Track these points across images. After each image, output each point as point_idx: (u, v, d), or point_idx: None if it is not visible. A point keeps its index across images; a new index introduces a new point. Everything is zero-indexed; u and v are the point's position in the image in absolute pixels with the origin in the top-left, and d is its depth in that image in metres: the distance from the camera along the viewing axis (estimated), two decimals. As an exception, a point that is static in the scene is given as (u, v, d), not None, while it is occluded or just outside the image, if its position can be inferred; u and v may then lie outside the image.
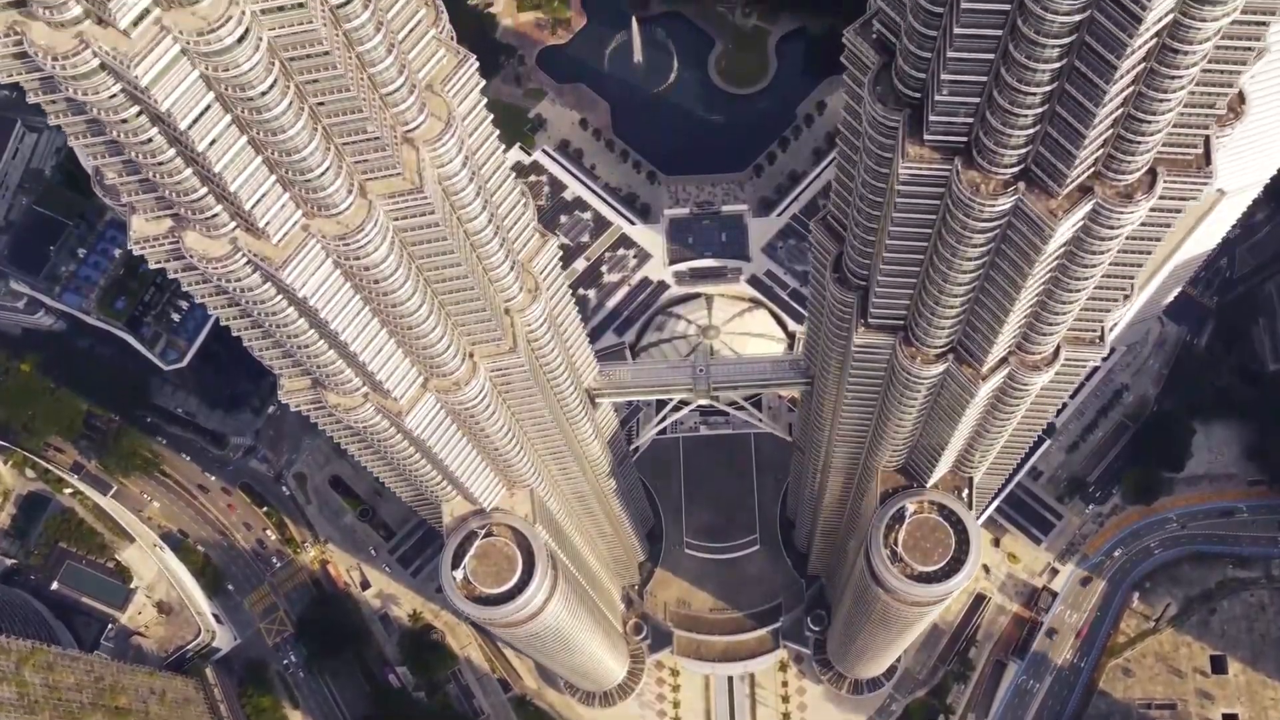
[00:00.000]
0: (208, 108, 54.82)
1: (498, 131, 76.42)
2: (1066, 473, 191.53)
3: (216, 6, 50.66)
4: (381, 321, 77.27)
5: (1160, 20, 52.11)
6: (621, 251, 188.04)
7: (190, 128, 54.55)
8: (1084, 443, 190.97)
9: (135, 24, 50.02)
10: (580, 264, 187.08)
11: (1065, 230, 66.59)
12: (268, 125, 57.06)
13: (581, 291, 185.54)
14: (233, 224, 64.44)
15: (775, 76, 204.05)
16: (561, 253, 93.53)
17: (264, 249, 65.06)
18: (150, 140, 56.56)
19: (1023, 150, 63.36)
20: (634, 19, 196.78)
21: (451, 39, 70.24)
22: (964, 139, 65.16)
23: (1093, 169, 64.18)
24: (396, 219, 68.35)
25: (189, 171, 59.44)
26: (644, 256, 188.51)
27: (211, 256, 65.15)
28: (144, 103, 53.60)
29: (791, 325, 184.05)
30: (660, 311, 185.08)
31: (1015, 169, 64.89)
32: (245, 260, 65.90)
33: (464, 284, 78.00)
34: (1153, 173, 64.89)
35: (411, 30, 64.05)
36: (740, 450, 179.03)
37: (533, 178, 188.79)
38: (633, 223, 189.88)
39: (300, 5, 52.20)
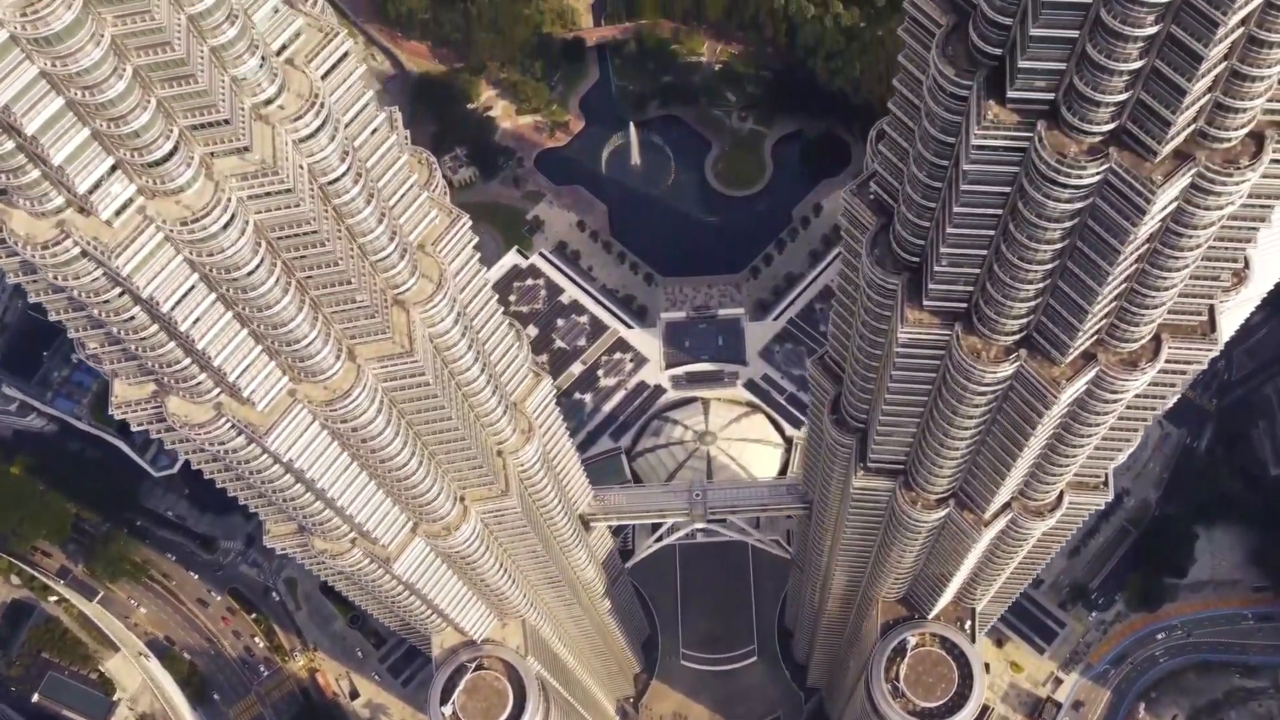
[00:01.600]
0: (191, 288, 53.76)
1: (490, 281, 75.54)
2: (1068, 579, 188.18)
3: (202, 194, 49.81)
4: (370, 474, 75.54)
5: (1164, 209, 51.36)
6: (618, 355, 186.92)
7: (173, 309, 53.41)
8: (1085, 548, 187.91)
9: (118, 213, 49.15)
10: (576, 368, 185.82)
11: (1068, 396, 65.27)
12: (254, 301, 55.96)
13: (577, 396, 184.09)
14: (216, 390, 63.06)
15: (772, 179, 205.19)
16: (555, 391, 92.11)
17: (248, 415, 63.57)
18: (133, 318, 55.41)
19: (1024, 320, 62.33)
20: (631, 123, 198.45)
21: (444, 195, 69.54)
22: (964, 304, 64.17)
23: (1096, 337, 63.09)
24: (386, 381, 67.03)
25: (172, 344, 58.22)
26: (640, 360, 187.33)
27: (195, 422, 63.62)
28: (126, 286, 52.51)
29: (789, 430, 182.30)
30: (657, 416, 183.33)
31: (1016, 336, 63.80)
32: (229, 425, 64.35)
33: (455, 434, 76.46)
34: (1157, 339, 63.81)
35: (403, 195, 63.35)
36: (738, 556, 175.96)
37: (529, 281, 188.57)
38: (629, 326, 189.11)
39: (288, 190, 51.36)
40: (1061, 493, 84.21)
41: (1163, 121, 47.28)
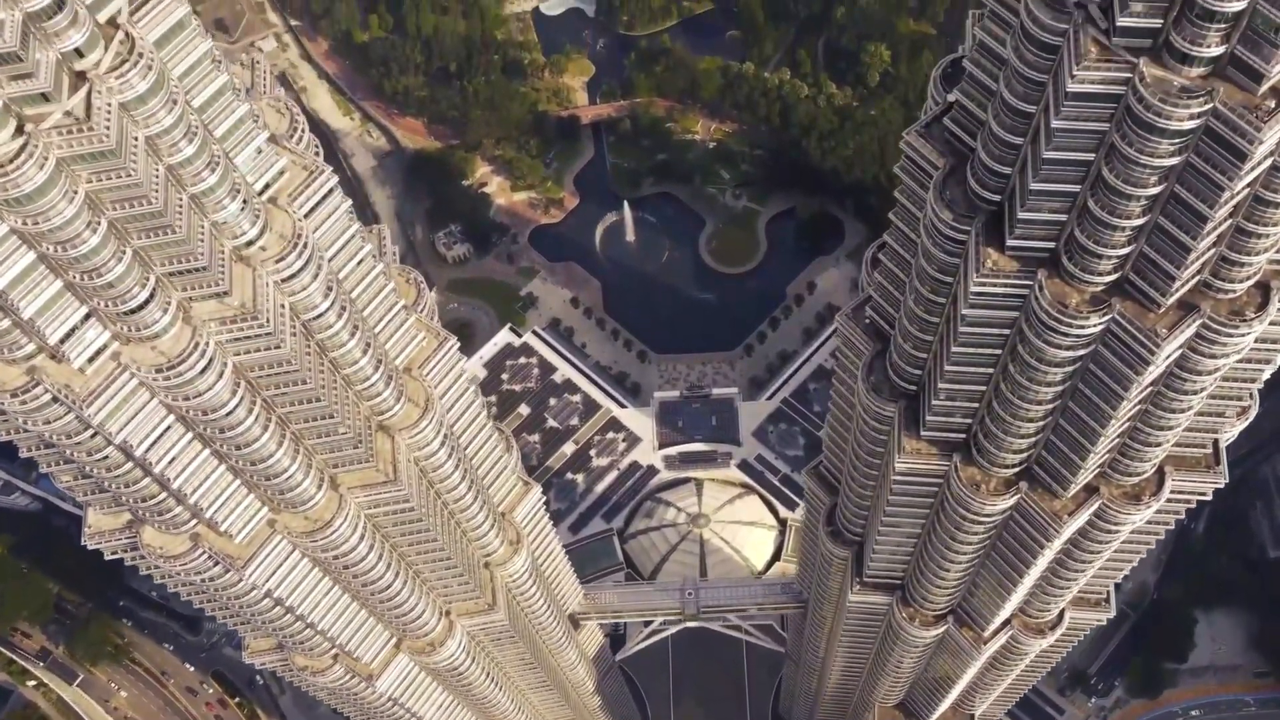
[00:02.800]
0: (166, 429, 52.03)
1: (479, 398, 73.91)
2: (1067, 664, 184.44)
3: (179, 340, 48.31)
4: (352, 596, 73.26)
5: (1168, 358, 50.05)
6: (611, 435, 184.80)
7: (147, 451, 51.64)
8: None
9: (91, 360, 47.58)
10: (569, 448, 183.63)
11: (1069, 529, 63.51)
12: (233, 439, 54.23)
13: (570, 476, 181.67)
14: (193, 521, 61.03)
15: (765, 256, 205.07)
16: (545, 499, 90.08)
17: (226, 546, 61.52)
18: (106, 458, 53.54)
19: (1025, 454, 60.76)
20: (625, 201, 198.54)
21: (433, 318, 68.11)
22: (963, 435, 62.65)
23: (1099, 470, 61.50)
24: (369, 508, 65.08)
25: (147, 480, 56.31)
26: (633, 440, 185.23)
27: (171, 554, 61.48)
28: (98, 429, 50.76)
29: (783, 512, 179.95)
30: (649, 497, 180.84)
31: (1017, 469, 62.19)
32: (206, 556, 62.23)
33: (441, 553, 74.33)
34: (1161, 472, 62.22)
35: (389, 321, 61.92)
36: (731, 645, 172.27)
37: (522, 359, 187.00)
38: (622, 405, 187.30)
39: (268, 334, 49.87)
40: (1062, 610, 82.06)
41: (1167, 275, 46.16)
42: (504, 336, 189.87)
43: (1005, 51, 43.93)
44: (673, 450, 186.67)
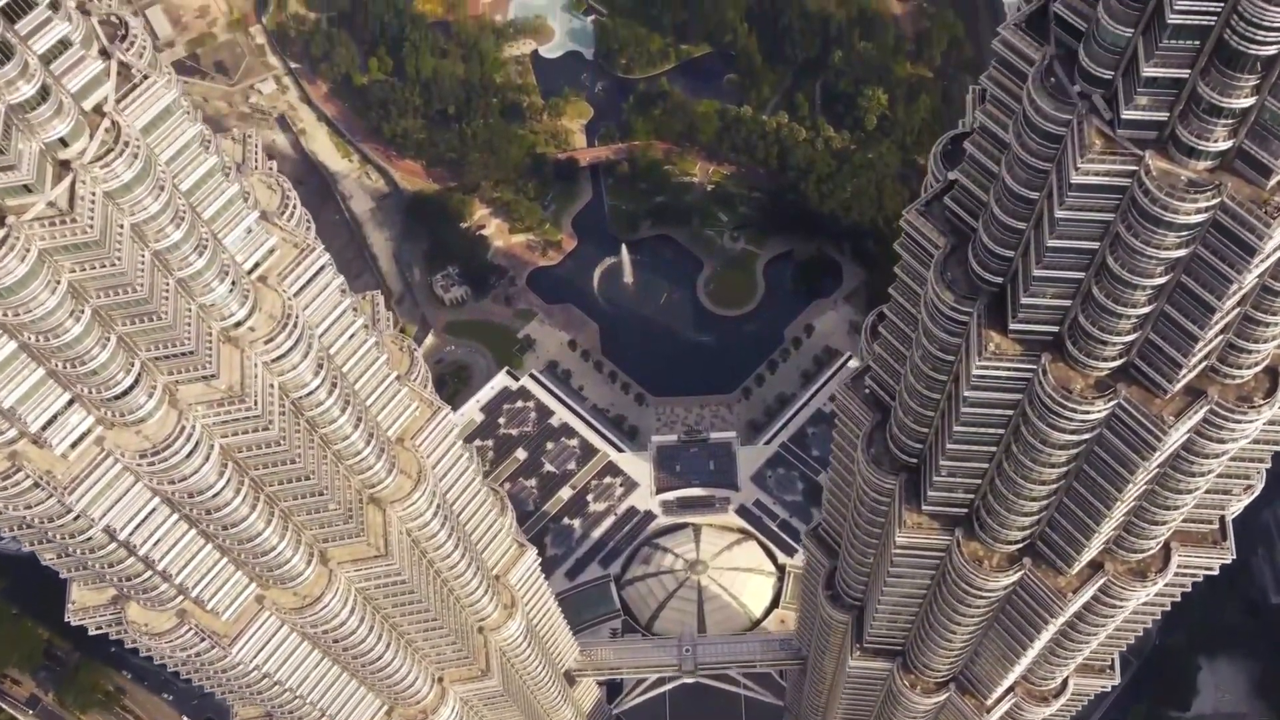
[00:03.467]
0: (151, 512, 50.87)
1: (474, 464, 72.75)
2: (1069, 713, 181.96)
3: (164, 424, 47.23)
4: (343, 667, 71.76)
5: (1174, 444, 49.06)
6: (608, 479, 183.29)
7: (130, 535, 50.43)
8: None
9: (74, 446, 46.48)
10: (566, 492, 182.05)
11: (1074, 605, 62.25)
12: (220, 520, 53.05)
13: (566, 521, 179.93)
14: (179, 598, 59.69)
15: (763, 299, 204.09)
16: (540, 559, 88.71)
17: (213, 623, 60.15)
18: (89, 539, 52.32)
19: (1028, 530, 59.63)
20: (624, 243, 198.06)
21: (426, 386, 67.07)
22: (965, 510, 61.51)
23: (1104, 547, 60.34)
24: (360, 582, 63.77)
25: (131, 559, 55.05)
26: (631, 485, 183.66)
27: (156, 631, 60.10)
28: (81, 513, 49.59)
29: (782, 558, 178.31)
30: (647, 543, 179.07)
31: (1020, 545, 61.02)
32: (193, 633, 60.85)
33: (433, 622, 72.89)
34: (1167, 547, 61.07)
35: (382, 393, 60.89)
36: (729, 699, 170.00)
37: (520, 403, 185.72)
38: (620, 449, 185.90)
39: (256, 416, 48.81)
40: (1066, 678, 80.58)
41: (1173, 363, 45.23)
42: (501, 380, 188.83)
43: (1007, 136, 43.28)
44: (670, 495, 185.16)
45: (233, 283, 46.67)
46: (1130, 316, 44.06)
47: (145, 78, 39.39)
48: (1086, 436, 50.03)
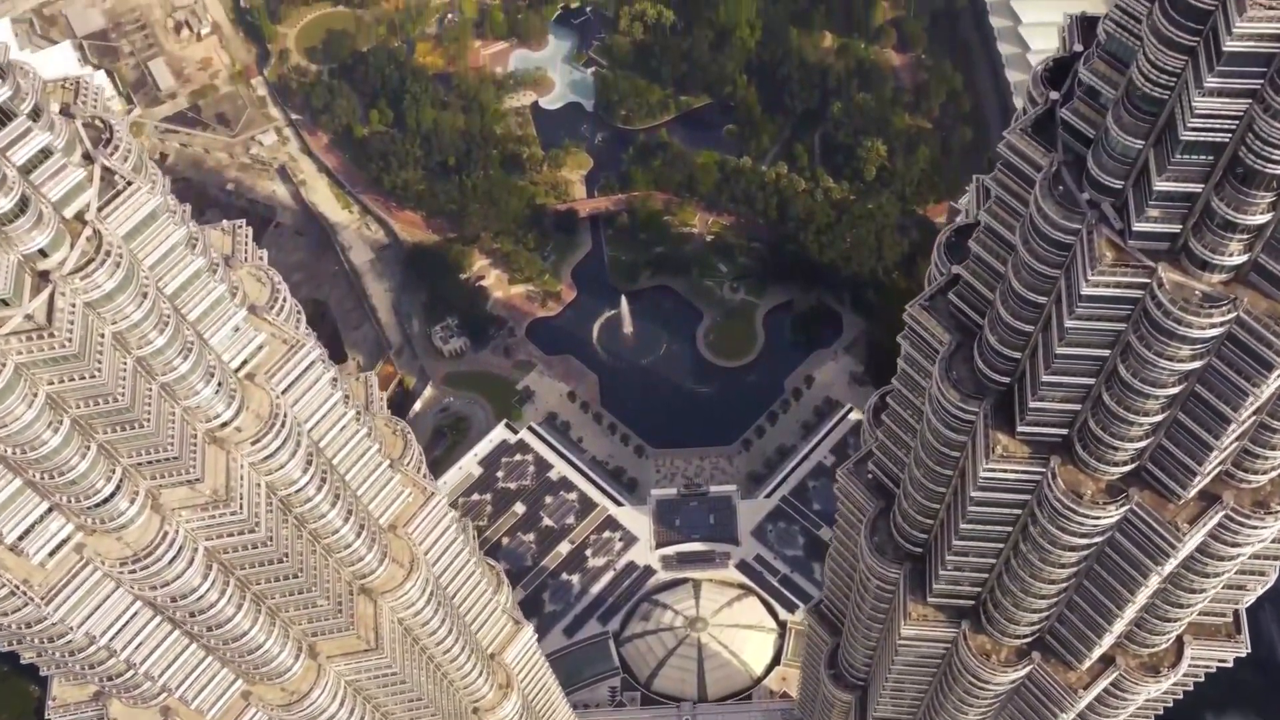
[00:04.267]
0: (133, 616, 49.25)
1: (469, 544, 71.12)
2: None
3: (146, 530, 45.75)
4: (331, 756, 69.67)
5: (1187, 549, 47.56)
6: (607, 534, 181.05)
7: (111, 640, 48.80)
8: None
9: (52, 554, 44.97)
10: (564, 547, 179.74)
11: (1084, 700, 60.44)
12: (205, 621, 51.43)
13: (565, 576, 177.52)
14: (162, 694, 57.88)
15: (763, 349, 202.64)
16: (537, 636, 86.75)
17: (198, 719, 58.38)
18: (69, 642, 50.67)
19: (1036, 627, 57.97)
20: (623, 295, 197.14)
21: (419, 470, 65.51)
22: (972, 601, 59.87)
23: (1116, 642, 58.65)
24: (351, 675, 61.97)
25: (113, 660, 53.33)
26: (630, 539, 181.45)
27: (138, 729, 58.26)
28: (60, 621, 48.01)
29: (783, 614, 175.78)
30: (646, 599, 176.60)
31: (1029, 639, 59.33)
32: (176, 730, 59.02)
33: (427, 710, 70.93)
34: (1179, 641, 59.37)
35: (373, 482, 59.40)
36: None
37: (518, 456, 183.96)
38: (619, 503, 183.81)
39: (242, 520, 47.35)
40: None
41: (1188, 470, 43.85)
42: (500, 433, 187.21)
43: (1012, 238, 42.21)
44: (670, 550, 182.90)
45: (219, 384, 45.41)
46: (1142, 424, 42.77)
47: (129, 184, 38.32)
48: (1097, 540, 48.55)
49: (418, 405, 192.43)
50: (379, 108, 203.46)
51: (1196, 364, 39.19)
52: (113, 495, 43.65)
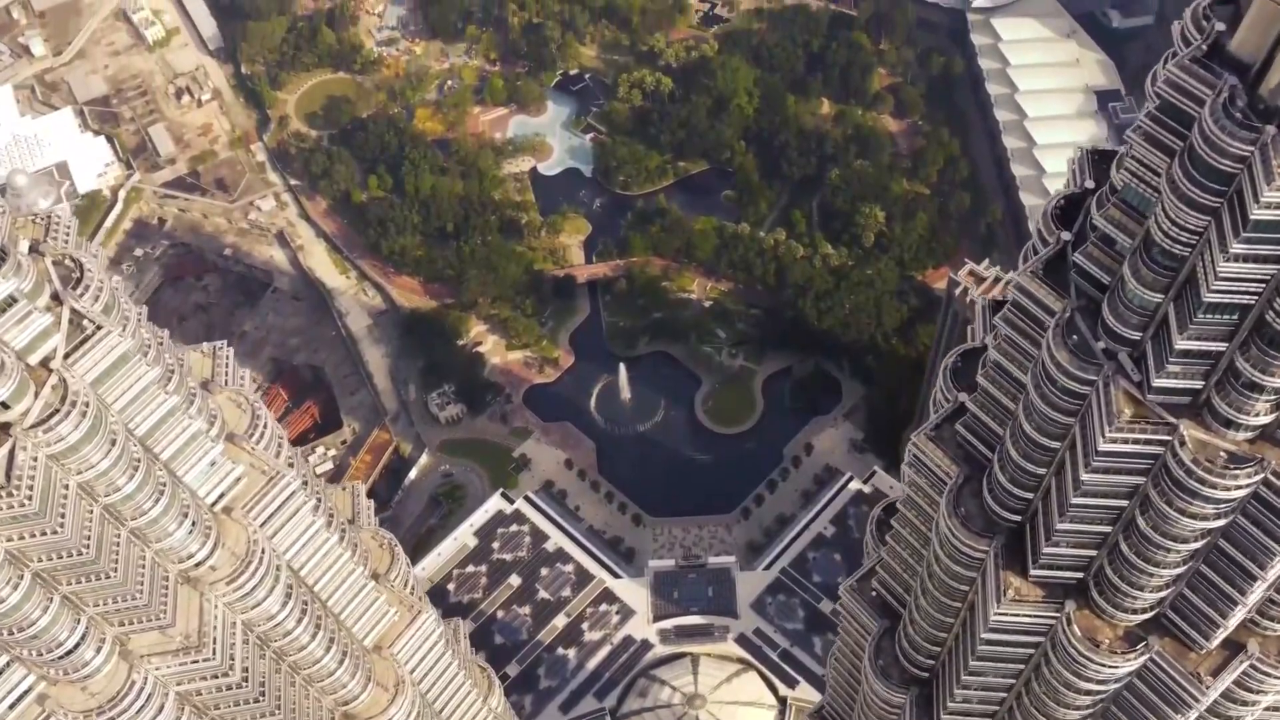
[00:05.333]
0: (100, 764, 46.66)
1: (456, 659, 68.47)
2: None
3: (113, 679, 43.42)
4: None
5: (1210, 699, 45.19)
6: (604, 607, 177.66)
7: (77, 790, 46.19)
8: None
9: (12, 707, 42.59)
10: (560, 620, 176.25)
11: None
12: (174, 763, 48.85)
13: (561, 651, 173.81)
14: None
15: (762, 416, 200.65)
16: (532, 714, 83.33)
17: None
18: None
19: (1051, 762, 55.30)
20: (621, 362, 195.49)
21: (406, 584, 63.13)
22: (981, 731, 57.31)
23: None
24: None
25: (80, 802, 50.62)
26: (627, 612, 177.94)
27: None
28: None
29: (783, 689, 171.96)
30: (643, 674, 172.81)
31: (1043, 774, 56.60)
32: None
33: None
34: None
35: (357, 603, 57.04)
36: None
37: (514, 526, 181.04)
38: (617, 575, 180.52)
39: (214, 664, 45.03)
40: None
41: (1210, 621, 41.67)
42: (495, 503, 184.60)
43: (1024, 377, 40.38)
44: (668, 623, 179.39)
45: (193, 523, 43.34)
46: (1162, 575, 40.67)
47: (99, 328, 36.50)
48: (1115, 686, 46.20)
49: (413, 473, 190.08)
50: (378, 173, 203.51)
51: (1220, 522, 37.22)
52: (77, 646, 41.41)
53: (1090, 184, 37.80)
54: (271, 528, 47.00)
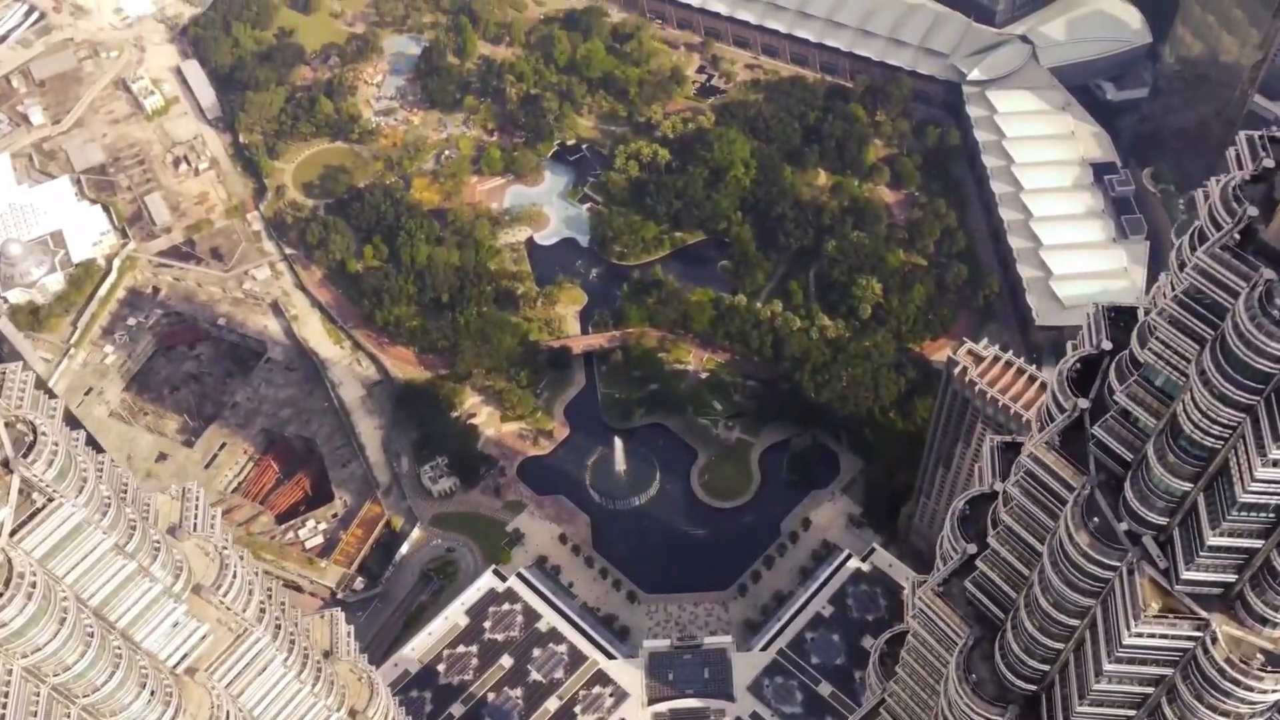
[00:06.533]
0: None
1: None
2: None
3: None
4: None
5: None
6: (597, 689, 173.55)
7: None
8: None
9: None
10: (553, 703, 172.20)
11: None
12: None
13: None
14: None
15: (759, 490, 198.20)
16: None
17: None
18: None
19: None
20: (616, 435, 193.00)
21: (387, 717, 60.02)
22: None
23: None
24: None
25: None
26: (621, 695, 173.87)
27: None
28: None
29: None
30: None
31: None
32: None
33: None
34: None
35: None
36: None
37: (506, 605, 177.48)
38: (610, 656, 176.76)
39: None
40: None
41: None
42: (487, 581, 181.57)
43: (1039, 544, 37.88)
44: (663, 707, 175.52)
45: (151, 691, 40.55)
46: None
47: (50, 499, 33.98)
48: None
49: (405, 548, 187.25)
50: (374, 243, 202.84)
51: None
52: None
53: (1108, 345, 35.57)
54: (238, 686, 44.23)
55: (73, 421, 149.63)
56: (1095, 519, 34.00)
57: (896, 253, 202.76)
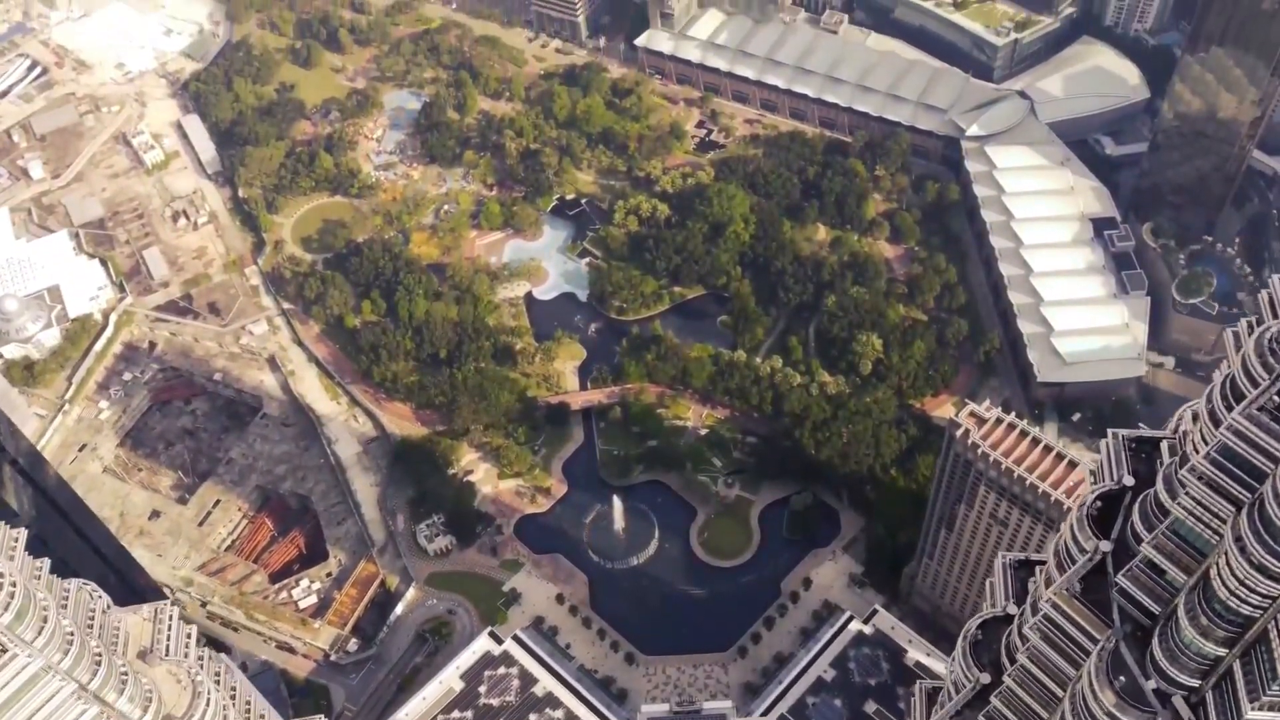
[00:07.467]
0: None
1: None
2: None
3: None
4: None
5: None
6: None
7: None
8: None
9: None
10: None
11: None
12: None
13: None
14: None
15: (759, 549, 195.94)
16: None
17: None
18: None
19: None
20: (614, 493, 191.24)
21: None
22: None
23: None
24: None
25: None
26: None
27: None
28: None
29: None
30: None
31: None
32: None
33: None
34: None
35: None
36: None
37: (502, 669, 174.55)
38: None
39: None
40: None
41: None
42: (483, 644, 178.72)
43: (1058, 690, 36.50)
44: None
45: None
46: None
47: (4, 650, 32.45)
48: None
49: (399, 608, 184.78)
50: (372, 298, 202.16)
51: None
52: None
53: (1129, 480, 34.43)
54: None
55: (62, 485, 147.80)
56: (1122, 677, 32.65)
57: (896, 308, 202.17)
